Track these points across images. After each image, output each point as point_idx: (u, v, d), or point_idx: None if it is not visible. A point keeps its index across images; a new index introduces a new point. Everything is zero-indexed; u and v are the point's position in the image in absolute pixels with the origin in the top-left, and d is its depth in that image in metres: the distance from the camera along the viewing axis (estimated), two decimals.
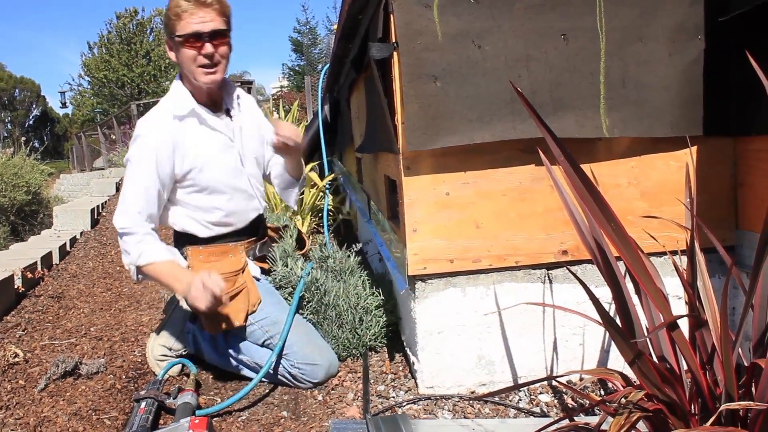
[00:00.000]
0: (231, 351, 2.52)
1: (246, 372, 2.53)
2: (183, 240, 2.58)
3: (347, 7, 2.58)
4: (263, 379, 2.39)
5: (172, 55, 2.43)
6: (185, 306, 2.53)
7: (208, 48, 2.32)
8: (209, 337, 2.55)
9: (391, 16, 1.99)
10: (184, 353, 2.64)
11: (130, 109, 17.75)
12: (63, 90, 41.98)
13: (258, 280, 2.60)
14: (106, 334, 3.25)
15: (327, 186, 4.98)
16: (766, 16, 1.96)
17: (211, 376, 2.62)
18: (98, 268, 4.93)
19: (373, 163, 3.09)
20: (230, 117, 2.58)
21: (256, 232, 2.73)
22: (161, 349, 2.63)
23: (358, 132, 3.19)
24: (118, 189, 9.13)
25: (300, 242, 3.01)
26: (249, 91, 12.17)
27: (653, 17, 2.09)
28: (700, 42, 2.11)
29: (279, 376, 2.42)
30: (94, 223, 6.77)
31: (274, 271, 2.71)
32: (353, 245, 2.91)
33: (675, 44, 2.11)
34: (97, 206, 7.35)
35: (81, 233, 6.31)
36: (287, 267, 2.71)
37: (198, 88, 2.45)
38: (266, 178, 2.88)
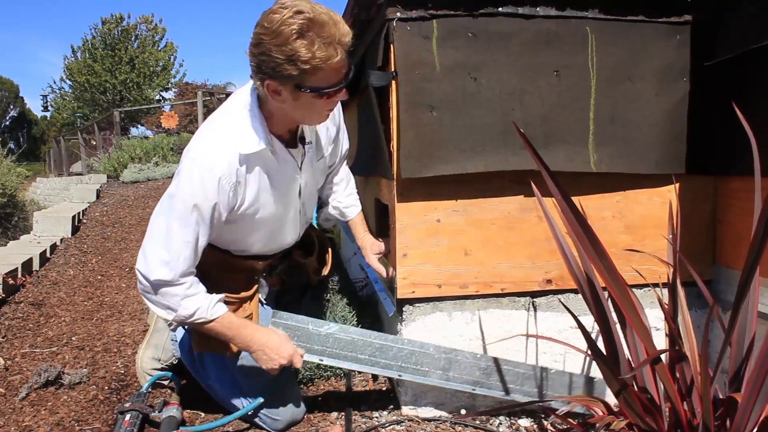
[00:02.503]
0: (207, 375, 2.41)
1: (212, 394, 2.44)
2: None
3: None
4: None
5: (275, 97, 1.88)
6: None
7: (343, 95, 1.92)
8: (188, 349, 2.52)
9: (392, 45, 2.05)
10: (174, 362, 2.64)
11: (113, 116, 17.66)
12: (45, 94, 41.56)
13: (262, 304, 2.45)
14: (88, 343, 3.25)
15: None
16: (749, 63, 2.05)
17: (196, 391, 2.62)
18: (79, 276, 4.91)
19: (362, 186, 3.13)
20: (304, 144, 2.17)
21: (288, 252, 2.50)
22: (151, 362, 2.61)
23: (350, 154, 3.24)
24: (98, 196, 9.07)
25: (320, 263, 2.72)
26: None
27: (642, 58, 2.17)
28: (685, 84, 2.19)
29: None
30: (75, 230, 6.73)
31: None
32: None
33: (662, 85, 2.19)
34: (78, 213, 7.30)
35: (61, 240, 6.27)
36: None
37: (283, 118, 2.02)
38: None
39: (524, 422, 2.25)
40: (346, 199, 2.59)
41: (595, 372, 2.27)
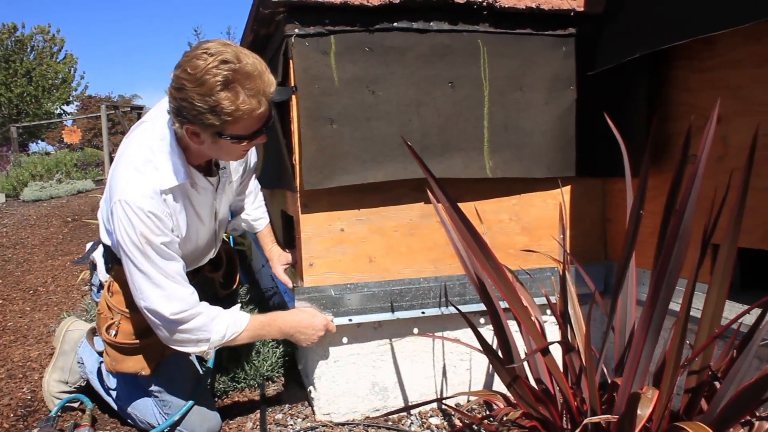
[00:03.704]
0: (119, 396, 2.39)
1: (124, 415, 2.41)
2: (113, 258, 2.18)
3: (246, 47, 2.65)
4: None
5: (194, 139, 1.87)
6: (83, 340, 2.49)
7: (262, 139, 1.94)
8: (98, 372, 2.50)
9: (291, 61, 2.10)
10: (83, 384, 2.59)
11: (10, 131, 16.93)
12: None
13: None
14: None
15: None
16: (626, 74, 2.21)
17: (107, 413, 2.59)
18: None
19: (270, 198, 3.17)
20: (218, 169, 2.20)
21: (199, 268, 2.49)
22: (59, 386, 2.55)
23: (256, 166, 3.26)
24: None
25: (229, 277, 2.75)
26: (139, 116, 11.91)
27: (532, 68, 2.29)
28: (572, 92, 2.33)
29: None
30: None
31: None
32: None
33: (551, 93, 2.32)
34: None
35: None
36: None
37: (200, 153, 2.01)
38: None
39: (435, 420, 2.33)
40: (254, 212, 2.62)
41: None
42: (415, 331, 2.34)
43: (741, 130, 1.85)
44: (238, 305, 2.17)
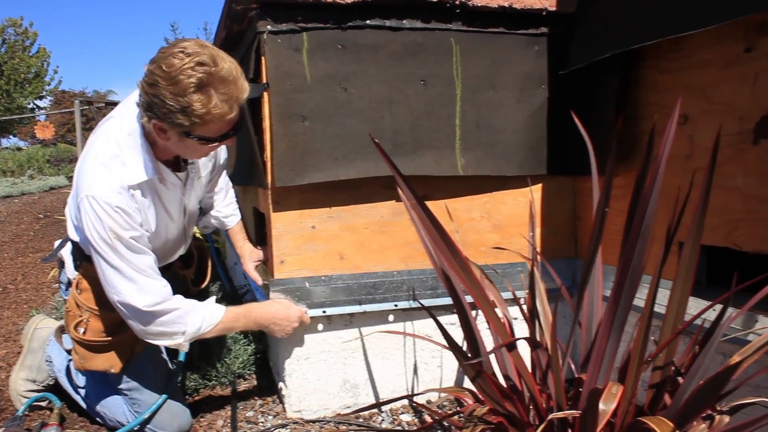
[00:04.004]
0: (87, 393, 2.37)
1: (93, 414, 2.38)
2: (81, 255, 2.17)
3: (219, 43, 2.65)
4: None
5: (160, 135, 1.87)
6: (51, 338, 2.46)
7: (229, 141, 1.95)
8: (65, 368, 2.48)
9: (263, 58, 2.10)
10: (51, 383, 2.56)
11: None
12: None
13: None
14: None
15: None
16: (596, 73, 2.23)
17: (75, 412, 2.56)
18: None
19: (242, 195, 3.16)
20: (187, 164, 2.19)
21: (169, 265, 2.45)
22: (26, 384, 2.52)
23: (228, 163, 3.25)
24: None
25: (201, 274, 2.74)
26: None
27: (504, 67, 2.31)
28: (544, 91, 2.35)
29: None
30: None
31: None
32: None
33: (523, 92, 2.34)
34: None
35: None
36: None
37: (167, 149, 2.00)
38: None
39: (405, 417, 2.34)
40: (225, 208, 2.61)
41: None
42: (389, 322, 2.35)
43: (707, 129, 1.88)
44: (213, 298, 2.17)
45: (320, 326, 2.30)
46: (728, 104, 1.80)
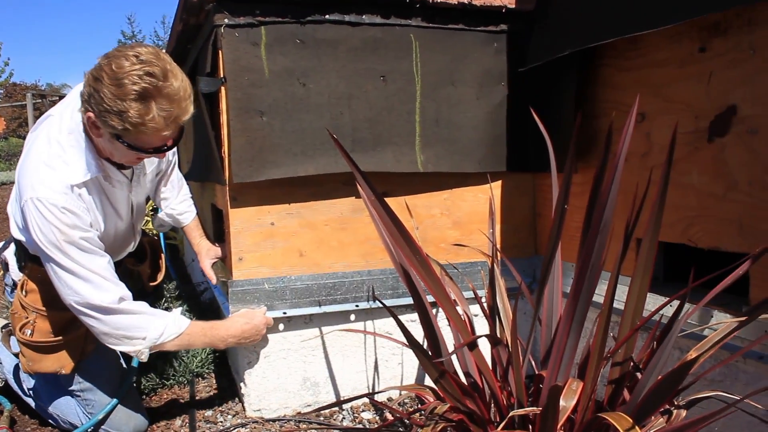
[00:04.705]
0: (39, 396, 2.31)
1: (45, 416, 2.33)
2: (26, 255, 2.12)
3: (176, 36, 2.60)
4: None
5: (93, 130, 1.83)
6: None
7: (159, 156, 1.95)
8: (14, 369, 2.41)
9: (220, 52, 2.06)
10: (1, 385, 2.50)
11: None
12: None
13: None
14: None
15: (151, 209, 4.86)
16: (554, 71, 2.24)
17: (27, 414, 2.50)
18: None
19: (199, 191, 3.11)
20: None
21: (119, 262, 2.37)
22: None
23: (185, 158, 3.20)
24: None
25: (155, 269, 2.70)
26: None
27: (463, 64, 2.31)
28: (503, 88, 2.36)
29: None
30: None
31: None
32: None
33: (482, 89, 2.34)
34: None
35: None
36: None
37: (99, 145, 1.94)
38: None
39: (366, 415, 2.33)
40: (179, 205, 2.55)
41: None
42: (350, 320, 2.34)
43: (663, 127, 1.91)
44: (180, 309, 2.13)
45: (281, 326, 2.28)
46: (684, 103, 1.82)
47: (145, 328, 1.98)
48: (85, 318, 1.94)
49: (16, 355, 2.26)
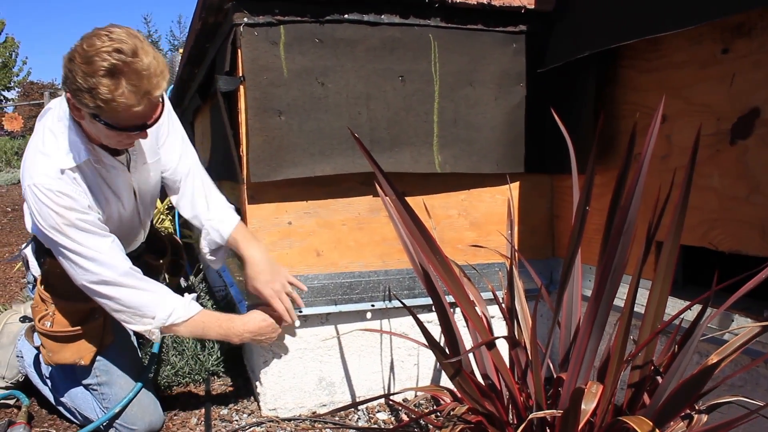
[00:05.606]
0: (56, 388, 2.34)
1: (63, 411, 2.36)
2: (43, 251, 2.15)
3: (195, 35, 2.61)
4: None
5: (75, 112, 1.86)
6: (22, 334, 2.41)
7: (142, 135, 1.91)
8: (35, 363, 2.43)
9: (239, 50, 2.06)
10: (21, 380, 2.51)
11: None
12: None
13: None
14: None
15: (167, 208, 4.88)
16: (574, 72, 2.23)
17: (44, 409, 2.51)
18: None
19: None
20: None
21: (138, 255, 2.39)
22: None
23: (203, 158, 3.21)
24: None
25: (176, 266, 2.71)
26: None
27: (482, 64, 2.30)
28: (522, 89, 2.35)
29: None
30: None
31: None
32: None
33: (501, 89, 2.33)
34: None
35: None
36: None
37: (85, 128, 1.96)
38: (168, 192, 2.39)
39: (382, 415, 2.33)
40: (215, 213, 2.24)
41: None
42: (366, 320, 2.33)
43: (684, 129, 1.89)
44: (193, 295, 2.14)
45: (297, 323, 2.27)
46: (705, 105, 1.81)
47: (154, 306, 2.01)
48: (97, 297, 1.98)
49: (38, 349, 2.28)
